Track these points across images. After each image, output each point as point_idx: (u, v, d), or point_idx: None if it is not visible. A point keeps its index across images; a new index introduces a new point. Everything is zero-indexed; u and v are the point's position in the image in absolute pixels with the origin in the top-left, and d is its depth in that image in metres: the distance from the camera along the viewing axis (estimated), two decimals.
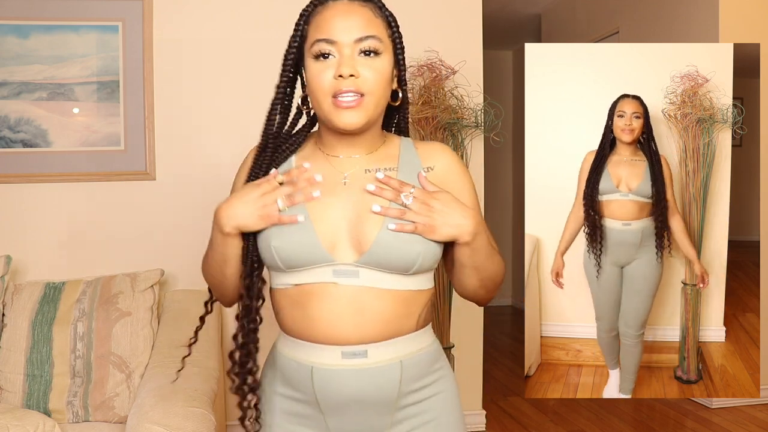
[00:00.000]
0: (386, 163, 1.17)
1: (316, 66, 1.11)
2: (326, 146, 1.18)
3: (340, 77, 1.08)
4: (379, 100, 1.12)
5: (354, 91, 1.09)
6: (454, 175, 1.19)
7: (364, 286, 1.09)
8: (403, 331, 1.12)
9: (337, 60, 1.10)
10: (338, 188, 1.14)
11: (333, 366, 1.10)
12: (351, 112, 1.09)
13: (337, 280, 1.09)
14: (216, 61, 2.80)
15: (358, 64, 1.09)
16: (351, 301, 1.09)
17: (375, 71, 1.10)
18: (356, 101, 1.09)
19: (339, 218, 1.11)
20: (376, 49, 1.11)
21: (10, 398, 2.18)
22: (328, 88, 1.10)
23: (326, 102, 1.10)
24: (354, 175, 1.15)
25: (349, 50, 1.10)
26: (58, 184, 2.70)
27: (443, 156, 1.19)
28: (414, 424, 1.15)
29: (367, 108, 1.10)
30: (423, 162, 1.18)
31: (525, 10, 4.98)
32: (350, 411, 1.12)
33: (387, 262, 1.09)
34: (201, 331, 2.39)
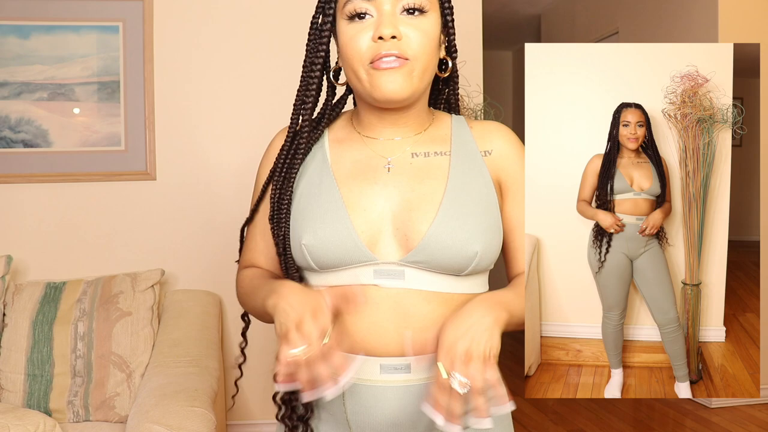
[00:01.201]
0: (437, 147, 0.99)
1: (351, 28, 0.94)
2: (364, 127, 1.01)
3: (380, 39, 0.91)
4: (426, 67, 0.94)
5: (397, 55, 0.91)
6: (513, 162, 1.00)
7: (410, 288, 0.93)
8: None
9: (375, 20, 0.93)
10: (380, 175, 0.96)
11: (370, 382, 0.93)
12: (394, 77, 0.91)
13: (378, 282, 0.93)
14: (216, 61, 2.80)
15: (401, 23, 0.92)
16: (394, 305, 0.92)
17: (421, 32, 0.93)
18: (400, 64, 0.91)
19: (381, 210, 0.95)
20: (421, 6, 0.93)
21: (10, 398, 2.18)
22: (365, 54, 0.92)
23: (363, 70, 0.93)
24: (398, 160, 0.97)
25: (390, 7, 0.92)
26: (58, 184, 2.70)
27: (503, 138, 1.01)
28: None
29: (412, 75, 0.92)
30: (479, 145, 1.00)
31: (525, 11, 4.98)
32: None
33: (438, 261, 0.92)
34: (201, 332, 2.41)
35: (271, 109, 2.83)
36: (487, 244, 0.94)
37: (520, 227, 1.02)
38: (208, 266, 2.78)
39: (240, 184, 2.82)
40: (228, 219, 2.81)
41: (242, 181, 2.82)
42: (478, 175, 0.98)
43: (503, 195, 1.01)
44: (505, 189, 1.00)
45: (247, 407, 2.86)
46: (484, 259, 0.94)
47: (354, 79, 0.96)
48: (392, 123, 0.99)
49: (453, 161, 0.97)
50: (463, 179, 0.97)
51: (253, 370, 2.88)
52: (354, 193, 0.95)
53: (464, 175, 0.97)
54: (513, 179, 0.99)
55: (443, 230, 0.92)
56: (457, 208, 0.94)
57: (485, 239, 0.94)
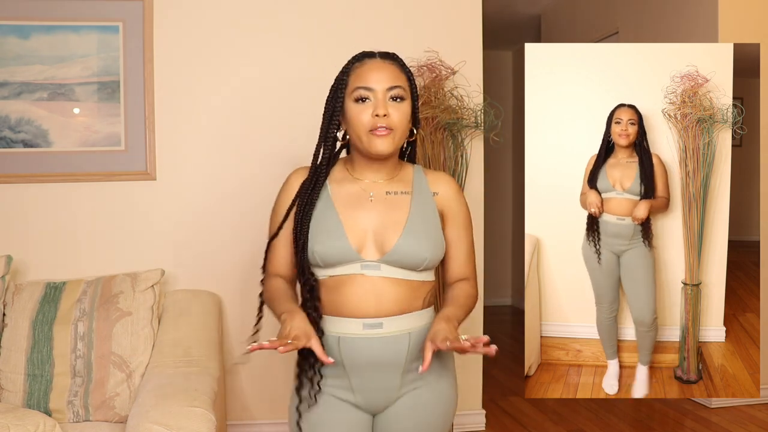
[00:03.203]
0: (402, 187, 1.52)
1: (357, 107, 1.45)
2: (356, 171, 1.52)
3: (376, 116, 1.42)
4: (402, 134, 1.47)
5: (386, 127, 1.43)
6: (453, 201, 1.55)
7: (384, 276, 1.44)
8: (411, 309, 1.46)
9: (373, 103, 1.44)
10: (366, 204, 1.48)
11: (356, 335, 1.43)
12: (384, 141, 1.44)
13: (363, 272, 1.43)
14: (216, 61, 2.80)
15: (389, 106, 1.44)
16: (373, 287, 1.43)
17: (401, 112, 1.45)
18: (387, 133, 1.43)
19: (366, 228, 1.46)
20: (402, 95, 1.46)
21: (10, 398, 2.18)
22: (367, 124, 1.43)
23: (365, 135, 1.44)
24: (377, 194, 1.50)
25: (382, 96, 1.44)
26: (58, 184, 2.70)
27: (447, 185, 1.56)
28: (417, 385, 1.48)
29: (395, 139, 1.45)
30: (431, 188, 1.53)
31: (525, 11, 4.98)
32: (369, 371, 1.45)
33: (402, 262, 1.44)
34: (201, 332, 2.41)
35: (271, 109, 2.83)
36: (433, 253, 1.47)
37: (454, 243, 1.55)
38: (208, 266, 2.78)
39: (240, 184, 2.82)
40: (228, 219, 2.81)
41: (242, 181, 2.82)
42: (429, 208, 1.51)
43: (445, 221, 1.54)
44: (446, 218, 1.54)
45: (247, 407, 2.86)
46: (432, 262, 1.48)
47: (356, 140, 1.47)
48: (375, 170, 1.51)
49: (413, 198, 1.51)
50: (419, 210, 1.49)
51: (253, 370, 2.89)
52: (348, 216, 1.46)
53: (420, 208, 1.50)
54: (452, 212, 1.54)
55: (406, 243, 1.44)
56: (415, 229, 1.46)
57: (432, 249, 1.47)
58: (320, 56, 2.82)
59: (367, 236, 1.45)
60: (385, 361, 1.44)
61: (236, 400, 2.84)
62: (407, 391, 1.48)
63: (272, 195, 2.81)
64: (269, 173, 2.85)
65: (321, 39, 2.84)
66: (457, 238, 1.54)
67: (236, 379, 2.83)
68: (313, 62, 2.82)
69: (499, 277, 5.94)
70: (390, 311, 1.43)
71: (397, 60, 1.51)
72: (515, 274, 5.97)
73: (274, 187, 2.89)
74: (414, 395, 1.48)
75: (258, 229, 2.88)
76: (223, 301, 2.77)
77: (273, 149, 2.83)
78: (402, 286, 1.44)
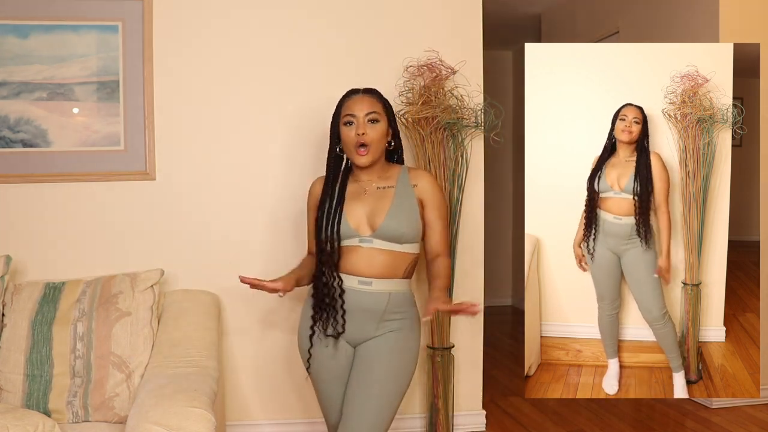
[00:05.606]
0: (388, 183, 2.07)
1: (345, 129, 2.05)
2: (355, 175, 2.11)
3: (358, 135, 2.01)
4: (377, 148, 2.05)
5: (365, 143, 2.02)
6: (429, 192, 2.08)
7: (375, 247, 2.00)
8: (394, 276, 2.01)
9: (355, 125, 2.02)
10: (361, 197, 2.05)
11: (354, 288, 2.00)
12: (363, 157, 2.03)
13: (360, 244, 2.00)
14: (216, 61, 2.80)
15: (367, 127, 2.02)
16: (367, 254, 1.99)
17: (376, 131, 2.04)
18: (366, 150, 2.03)
19: (362, 213, 2.03)
20: (377, 118, 2.04)
21: (9, 398, 2.18)
22: (353, 142, 2.03)
23: (352, 150, 2.04)
24: (370, 190, 2.07)
25: (362, 119, 2.02)
26: (58, 184, 2.70)
27: (424, 179, 2.09)
28: (391, 328, 2.02)
29: (372, 153, 2.04)
30: (411, 181, 2.07)
31: (525, 10, 4.98)
32: (358, 313, 2.00)
33: (387, 236, 1.99)
34: (200, 332, 2.40)
35: (271, 109, 2.83)
36: (410, 230, 2.02)
37: (431, 224, 2.07)
38: (208, 266, 2.78)
39: (240, 184, 2.81)
40: (228, 219, 2.81)
41: (242, 181, 2.82)
42: (408, 197, 2.05)
43: (424, 207, 2.07)
44: (425, 204, 2.07)
45: (247, 407, 2.86)
46: (409, 236, 2.01)
47: (348, 153, 2.08)
48: (367, 173, 2.09)
49: (396, 190, 2.06)
50: (400, 199, 2.04)
51: (253, 370, 2.88)
52: (349, 206, 2.05)
53: (401, 197, 2.04)
54: (428, 199, 2.07)
55: (390, 222, 1.99)
56: (396, 212, 2.01)
57: (410, 227, 2.02)
58: (321, 56, 2.82)
59: (362, 219, 2.01)
60: (370, 309, 2.00)
61: (235, 400, 2.84)
62: (381, 333, 2.01)
63: (272, 195, 2.82)
64: (269, 173, 2.85)
65: (322, 40, 2.84)
66: (434, 219, 2.07)
67: (236, 379, 2.83)
68: (313, 62, 2.82)
69: (499, 277, 5.94)
70: (378, 274, 1.99)
71: (376, 93, 2.09)
72: (515, 274, 5.97)
73: (274, 187, 2.89)
74: (385, 337, 2.01)
75: (257, 228, 2.89)
76: (223, 301, 2.76)
77: (273, 150, 2.83)
78: (388, 255, 1.99)
